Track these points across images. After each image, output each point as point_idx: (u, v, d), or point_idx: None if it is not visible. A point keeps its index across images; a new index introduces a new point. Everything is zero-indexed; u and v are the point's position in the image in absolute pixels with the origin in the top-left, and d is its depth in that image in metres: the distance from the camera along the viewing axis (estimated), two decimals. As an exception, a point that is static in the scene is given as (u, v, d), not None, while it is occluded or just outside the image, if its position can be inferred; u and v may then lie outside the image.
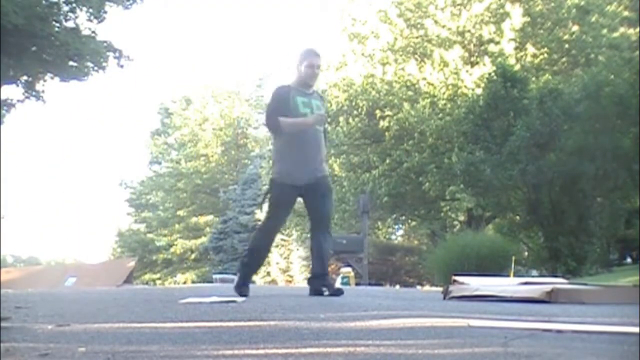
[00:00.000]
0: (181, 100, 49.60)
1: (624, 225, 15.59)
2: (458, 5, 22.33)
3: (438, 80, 21.78)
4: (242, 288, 5.05)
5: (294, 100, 5.13)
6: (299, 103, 5.14)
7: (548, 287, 4.97)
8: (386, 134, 21.81)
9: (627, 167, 13.39)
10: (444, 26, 22.32)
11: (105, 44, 16.34)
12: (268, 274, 36.23)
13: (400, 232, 34.51)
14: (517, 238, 15.70)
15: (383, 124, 21.57)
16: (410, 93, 22.06)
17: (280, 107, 5.16)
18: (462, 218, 23.14)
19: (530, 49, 21.94)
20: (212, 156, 48.03)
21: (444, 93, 21.65)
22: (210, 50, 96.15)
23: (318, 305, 4.14)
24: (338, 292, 5.07)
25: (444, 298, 5.46)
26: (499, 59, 18.90)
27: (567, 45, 22.30)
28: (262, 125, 48.81)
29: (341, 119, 22.44)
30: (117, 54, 16.53)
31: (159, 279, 45.64)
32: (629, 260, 18.59)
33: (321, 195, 5.23)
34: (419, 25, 23.31)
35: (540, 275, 13.32)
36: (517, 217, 16.46)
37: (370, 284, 18.52)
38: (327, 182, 5.39)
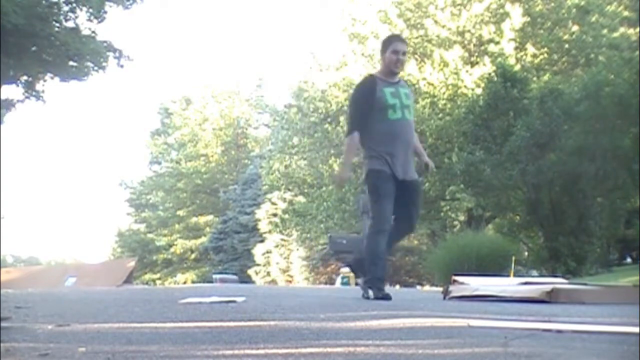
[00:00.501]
0: (181, 100, 49.65)
1: (624, 225, 15.61)
2: (458, 5, 22.31)
3: (438, 80, 21.77)
4: (384, 292, 4.71)
5: (381, 91, 4.83)
6: (387, 94, 4.83)
7: (548, 287, 4.97)
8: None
9: (627, 167, 13.40)
10: (444, 26, 22.31)
11: (105, 44, 16.34)
12: (268, 274, 36.21)
13: (400, 232, 34.40)
14: (517, 238, 15.71)
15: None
16: (410, 93, 22.04)
17: (365, 102, 4.87)
18: (462, 218, 23.11)
19: (530, 49, 21.94)
20: (212, 156, 48.05)
21: (444, 93, 21.65)
22: (210, 50, 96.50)
23: (318, 305, 4.14)
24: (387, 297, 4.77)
25: (444, 298, 5.46)
26: (499, 59, 18.89)
27: (567, 45, 22.30)
28: (262, 125, 48.97)
29: (341, 118, 22.43)
30: (117, 54, 16.53)
31: (159, 279, 45.67)
32: (629, 260, 18.60)
33: (412, 202, 4.92)
34: (419, 25, 23.30)
35: (540, 275, 13.31)
36: (517, 217, 16.46)
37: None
38: (419, 188, 5.09)
